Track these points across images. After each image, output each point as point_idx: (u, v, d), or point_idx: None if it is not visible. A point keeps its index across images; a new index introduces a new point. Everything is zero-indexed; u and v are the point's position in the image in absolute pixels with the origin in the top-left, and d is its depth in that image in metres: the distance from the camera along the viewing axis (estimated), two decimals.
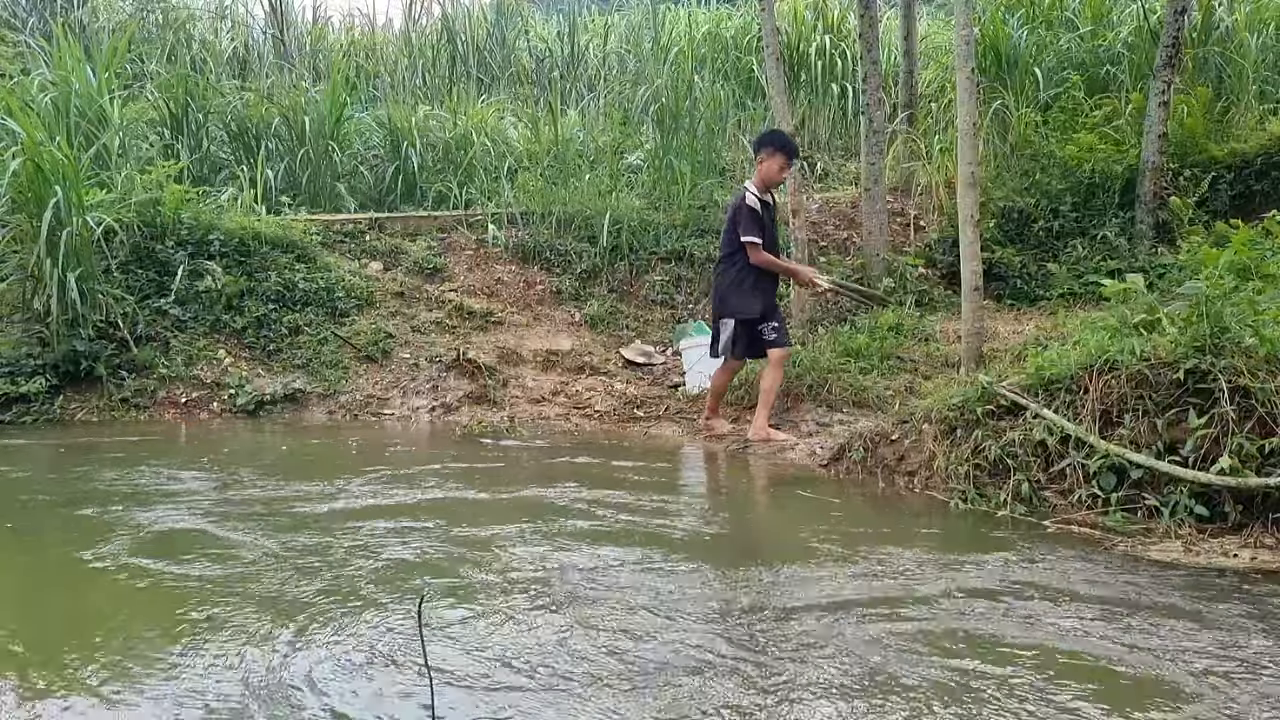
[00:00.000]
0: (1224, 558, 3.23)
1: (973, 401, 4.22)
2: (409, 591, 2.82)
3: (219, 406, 6.46)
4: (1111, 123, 8.32)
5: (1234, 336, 3.71)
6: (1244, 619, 2.63)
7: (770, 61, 7.37)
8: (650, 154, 9.30)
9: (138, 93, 9.06)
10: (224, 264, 7.16)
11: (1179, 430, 3.67)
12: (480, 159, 9.25)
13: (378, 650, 2.39)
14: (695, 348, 6.78)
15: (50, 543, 3.47)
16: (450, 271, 8.09)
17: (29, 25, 10.40)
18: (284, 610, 2.65)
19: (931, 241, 8.41)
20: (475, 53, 12.31)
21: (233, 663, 2.31)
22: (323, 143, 9.00)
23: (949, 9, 11.05)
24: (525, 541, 3.41)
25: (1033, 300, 7.58)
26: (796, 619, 2.63)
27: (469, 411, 6.57)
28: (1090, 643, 2.47)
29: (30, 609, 2.82)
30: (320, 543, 3.33)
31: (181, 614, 2.63)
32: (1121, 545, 3.40)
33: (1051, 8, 9.94)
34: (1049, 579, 3.00)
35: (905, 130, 9.35)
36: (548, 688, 2.20)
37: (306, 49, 12.38)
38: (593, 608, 2.71)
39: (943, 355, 6.42)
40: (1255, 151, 7.70)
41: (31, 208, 6.41)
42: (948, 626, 2.57)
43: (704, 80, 10.05)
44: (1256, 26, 8.93)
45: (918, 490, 4.28)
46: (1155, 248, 7.39)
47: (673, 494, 4.40)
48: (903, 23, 9.77)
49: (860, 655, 2.37)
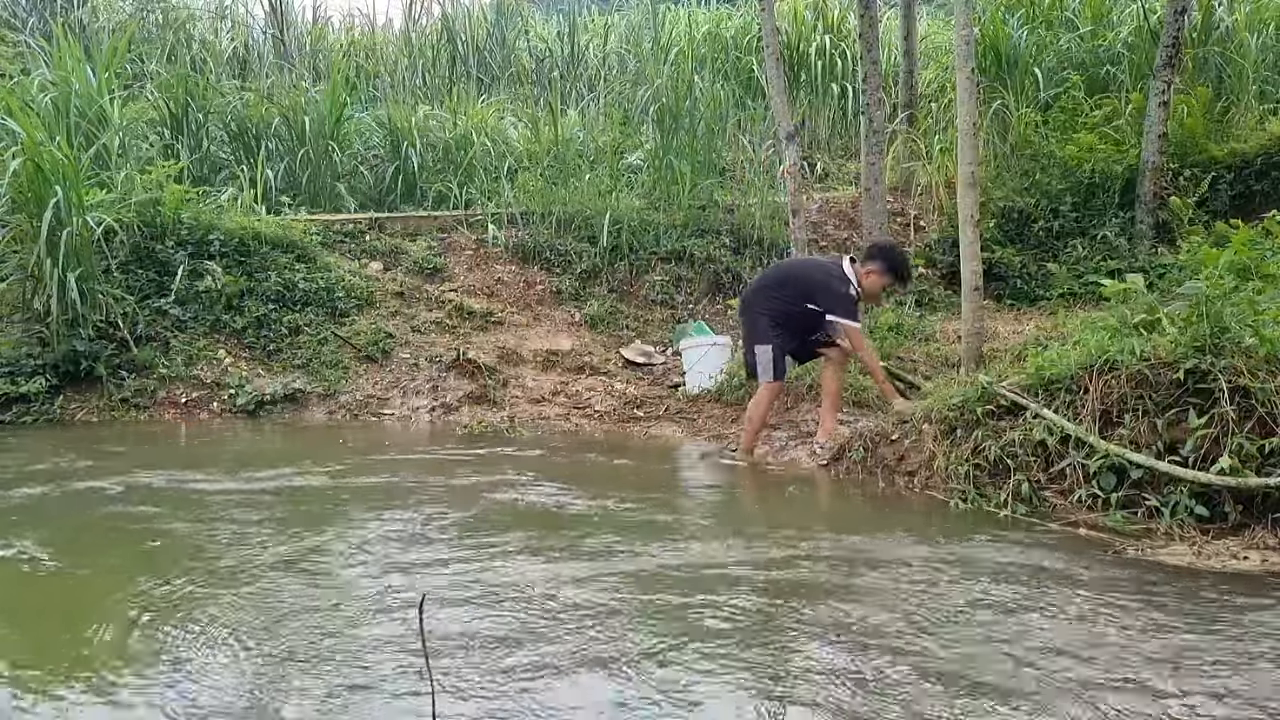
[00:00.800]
0: (1234, 560, 3.19)
1: (973, 401, 4.22)
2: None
3: (219, 406, 6.46)
4: (1111, 123, 8.32)
5: (1234, 336, 3.71)
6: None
7: (770, 61, 7.37)
8: (650, 154, 9.30)
9: (138, 93, 9.05)
10: (224, 264, 7.16)
11: (1179, 430, 3.67)
12: (480, 159, 9.24)
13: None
14: (695, 348, 6.78)
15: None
16: (450, 271, 8.09)
17: (29, 25, 10.40)
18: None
19: (931, 241, 8.41)
20: (475, 53, 12.31)
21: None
22: (323, 143, 9.00)
23: (949, 9, 11.04)
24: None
25: (1033, 300, 7.58)
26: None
27: (469, 411, 6.57)
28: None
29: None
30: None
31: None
32: (1131, 550, 3.34)
33: (1051, 8, 9.94)
34: (1065, 587, 2.87)
35: (905, 130, 9.35)
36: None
37: (306, 49, 12.38)
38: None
39: (943, 355, 6.42)
40: (1255, 151, 7.70)
41: (31, 208, 6.41)
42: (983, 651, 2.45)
43: (704, 80, 10.04)
44: (1256, 26, 8.93)
45: (918, 490, 4.28)
46: (1155, 248, 7.39)
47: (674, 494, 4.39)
48: (903, 23, 9.77)
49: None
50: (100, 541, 3.47)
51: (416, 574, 3.02)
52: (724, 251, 8.30)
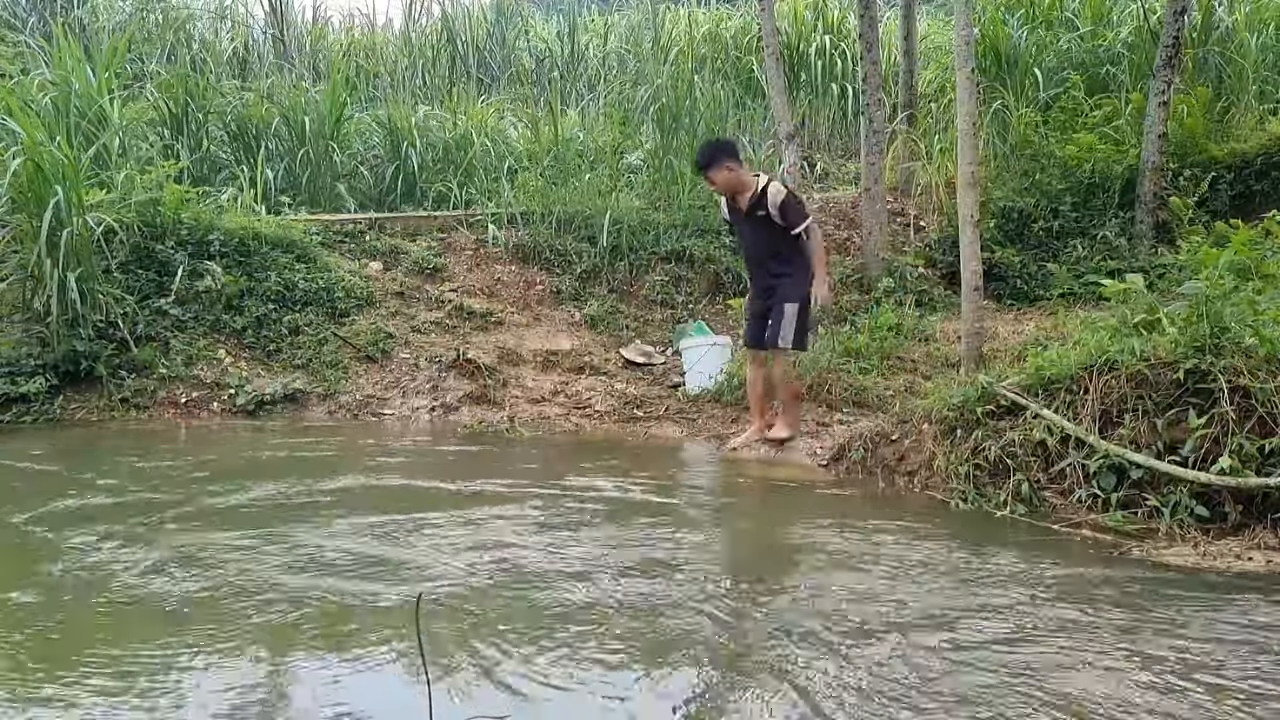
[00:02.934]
0: (1238, 561, 3.17)
1: (973, 401, 4.22)
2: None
3: (219, 406, 6.46)
4: (1111, 123, 8.32)
5: (1234, 336, 3.71)
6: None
7: (770, 61, 7.37)
8: (650, 154, 9.30)
9: (138, 93, 9.05)
10: (224, 264, 7.15)
11: (1179, 430, 3.67)
12: (480, 159, 9.24)
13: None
14: (695, 348, 6.78)
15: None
16: (450, 271, 8.09)
17: (29, 25, 10.39)
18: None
19: (931, 241, 8.42)
20: (475, 53, 12.32)
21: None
22: (323, 143, 9.00)
23: (949, 9, 11.04)
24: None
25: (1033, 300, 7.58)
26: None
27: (469, 411, 6.57)
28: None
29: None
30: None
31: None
32: (1136, 550, 3.31)
33: (1051, 8, 9.95)
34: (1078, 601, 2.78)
35: (905, 130, 9.36)
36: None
37: (306, 49, 12.39)
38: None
39: (943, 355, 6.42)
40: (1255, 151, 7.71)
41: (31, 208, 6.40)
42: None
43: (704, 80, 10.05)
44: (1256, 26, 8.94)
45: (918, 490, 4.28)
46: (1155, 248, 7.39)
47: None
48: (903, 23, 9.77)
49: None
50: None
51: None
52: (724, 251, 8.30)
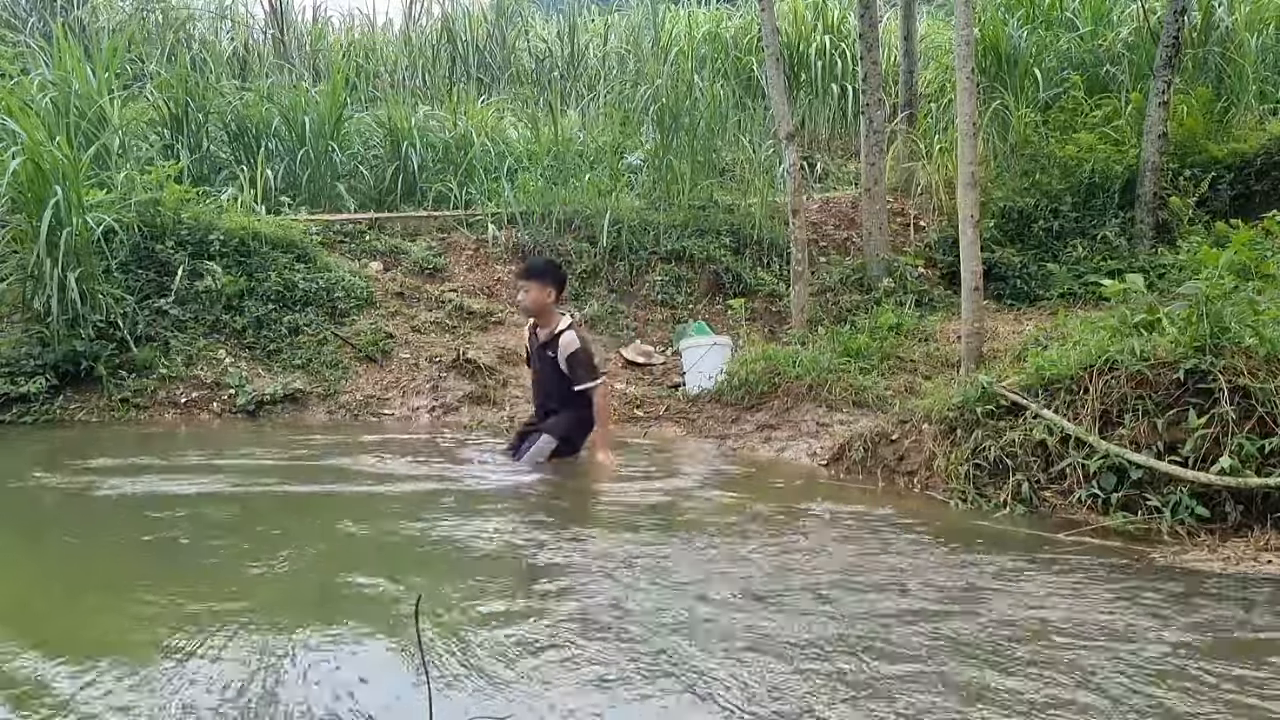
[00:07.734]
0: (1255, 564, 3.13)
1: (973, 401, 4.22)
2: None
3: (219, 406, 6.46)
4: (1111, 123, 8.33)
5: (1234, 336, 3.71)
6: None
7: (770, 61, 7.37)
8: (650, 154, 9.30)
9: (138, 93, 9.05)
10: (224, 264, 7.16)
11: (1179, 430, 3.67)
12: (480, 159, 9.25)
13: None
14: (695, 348, 6.79)
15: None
16: (450, 271, 8.09)
17: (29, 25, 10.40)
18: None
19: (931, 241, 8.42)
20: (475, 53, 12.33)
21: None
22: (323, 143, 9.00)
23: (949, 9, 11.05)
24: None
25: (1033, 300, 7.58)
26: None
27: (469, 411, 6.57)
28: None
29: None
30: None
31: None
32: (1159, 558, 3.20)
33: (1051, 8, 9.96)
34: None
35: (905, 130, 9.36)
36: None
37: (306, 49, 12.39)
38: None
39: (943, 355, 6.42)
40: (1255, 151, 7.71)
41: (31, 208, 6.40)
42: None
43: (704, 80, 10.06)
44: (1256, 26, 8.95)
45: (917, 490, 4.28)
46: (1155, 248, 7.40)
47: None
48: (903, 23, 9.78)
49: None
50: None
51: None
52: (724, 251, 8.30)
